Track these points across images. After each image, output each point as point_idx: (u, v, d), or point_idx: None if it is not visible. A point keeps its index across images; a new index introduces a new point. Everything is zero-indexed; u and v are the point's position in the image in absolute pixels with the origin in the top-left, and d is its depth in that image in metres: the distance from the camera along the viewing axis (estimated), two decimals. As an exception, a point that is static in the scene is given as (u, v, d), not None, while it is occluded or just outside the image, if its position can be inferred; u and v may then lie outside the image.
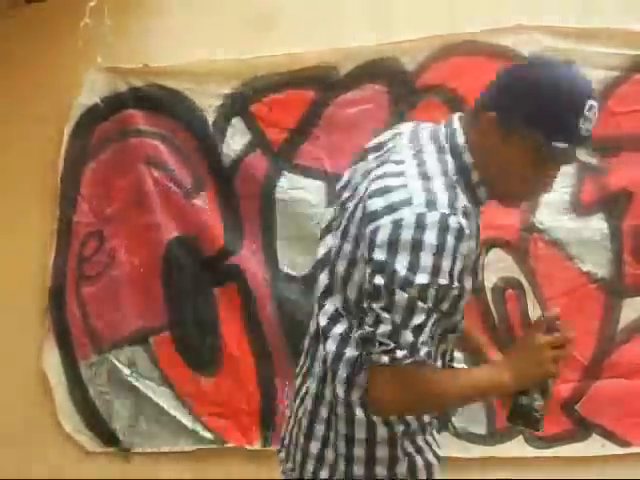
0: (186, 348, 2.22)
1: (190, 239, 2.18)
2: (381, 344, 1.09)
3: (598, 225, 2.03)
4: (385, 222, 1.09)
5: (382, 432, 1.22)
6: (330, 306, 1.23)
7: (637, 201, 2.01)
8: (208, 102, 2.16)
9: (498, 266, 2.07)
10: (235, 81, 2.15)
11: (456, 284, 1.10)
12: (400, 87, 2.10)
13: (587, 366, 2.05)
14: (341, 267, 1.21)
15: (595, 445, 2.06)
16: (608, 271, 2.03)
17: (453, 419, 2.09)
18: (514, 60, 2.02)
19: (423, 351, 1.09)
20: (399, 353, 1.08)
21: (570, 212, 2.04)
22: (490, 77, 2.00)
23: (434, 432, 1.31)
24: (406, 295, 1.07)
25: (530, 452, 2.08)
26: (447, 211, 1.08)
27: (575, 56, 1.99)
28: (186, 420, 2.22)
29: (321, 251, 1.29)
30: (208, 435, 2.21)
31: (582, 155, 1.15)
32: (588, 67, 1.99)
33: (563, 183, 2.04)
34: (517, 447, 2.09)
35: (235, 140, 2.15)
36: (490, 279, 2.07)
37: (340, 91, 2.13)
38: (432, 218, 1.08)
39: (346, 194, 1.28)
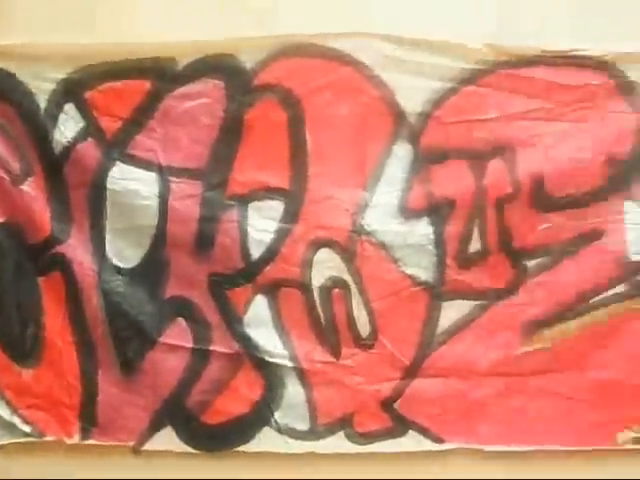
0: (7, 338, 2.15)
1: (15, 226, 2.11)
2: None
3: (423, 230, 2.10)
4: None
5: None
6: None
7: (460, 208, 2.08)
8: (41, 86, 2.10)
9: (327, 265, 2.10)
10: (70, 66, 2.09)
11: None
12: (238, 84, 2.10)
13: (408, 366, 2.11)
14: None
15: (412, 442, 2.12)
16: (431, 275, 2.10)
17: (275, 414, 2.11)
18: (352, 65, 2.07)
19: None
20: None
21: (397, 216, 2.09)
22: (327, 79, 2.06)
23: None
24: None
25: (350, 448, 2.13)
26: None
27: (411, 65, 2.05)
28: (3, 412, 2.15)
29: None
30: (26, 428, 2.15)
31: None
32: (423, 77, 2.06)
33: (392, 187, 2.09)
34: (337, 443, 2.13)
35: (67, 127, 2.10)
36: (318, 278, 2.09)
37: (177, 84, 2.11)
38: None
39: None
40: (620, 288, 2.10)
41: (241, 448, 2.13)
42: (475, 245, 2.10)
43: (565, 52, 2.08)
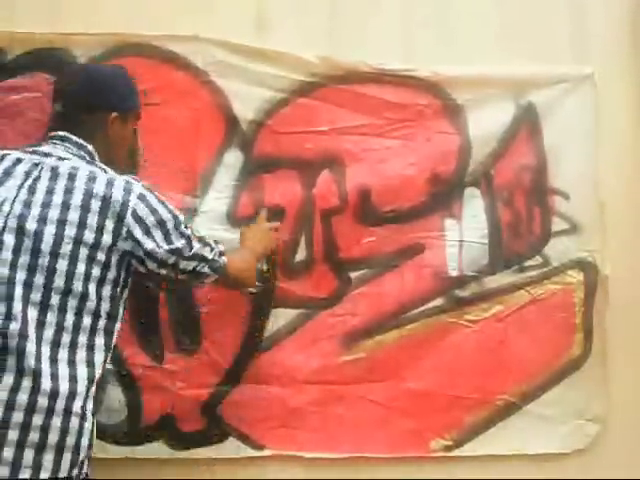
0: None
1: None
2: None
3: (253, 237, 2.10)
4: None
5: None
6: None
7: (289, 217, 2.12)
8: None
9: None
10: None
11: None
12: (69, 79, 2.03)
13: (229, 371, 2.11)
14: None
15: (232, 447, 2.12)
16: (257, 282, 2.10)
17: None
18: (186, 69, 2.06)
19: None
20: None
21: (226, 223, 2.09)
22: (162, 80, 2.04)
23: None
24: None
25: (169, 453, 2.11)
26: None
27: (246, 73, 2.07)
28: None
29: None
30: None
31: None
32: (256, 85, 2.07)
33: (222, 194, 2.10)
34: (157, 448, 2.11)
35: None
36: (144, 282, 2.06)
37: (5, 76, 2.04)
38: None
39: None
40: (437, 302, 2.18)
41: (55, 452, 2.06)
42: (301, 254, 2.13)
43: (395, 71, 2.15)
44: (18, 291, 1.47)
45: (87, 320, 1.54)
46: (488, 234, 2.19)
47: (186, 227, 1.65)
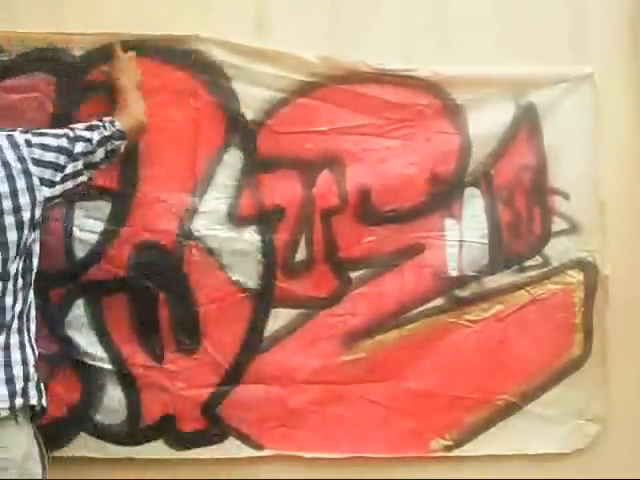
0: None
1: None
2: None
3: (251, 237, 2.11)
4: None
5: None
6: None
7: (288, 217, 2.11)
8: None
9: (153, 269, 2.08)
10: None
11: None
12: (69, 79, 2.05)
13: (229, 371, 2.11)
14: None
15: (231, 447, 2.12)
16: (257, 282, 2.11)
17: (94, 418, 2.07)
18: (187, 69, 2.06)
19: None
20: None
21: (226, 223, 2.09)
22: (162, 80, 2.04)
23: None
24: None
25: (169, 454, 2.11)
26: None
27: (245, 73, 2.07)
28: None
29: None
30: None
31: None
32: (257, 85, 2.07)
33: (221, 194, 2.09)
34: (156, 449, 2.10)
35: None
36: (143, 282, 2.06)
37: (6, 75, 2.03)
38: None
39: None
40: (437, 302, 2.18)
41: (55, 453, 2.07)
42: (301, 254, 2.13)
43: (395, 71, 2.15)
44: None
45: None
46: (488, 234, 2.19)
47: (72, 132, 1.77)
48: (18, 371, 1.59)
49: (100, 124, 1.82)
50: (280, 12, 2.17)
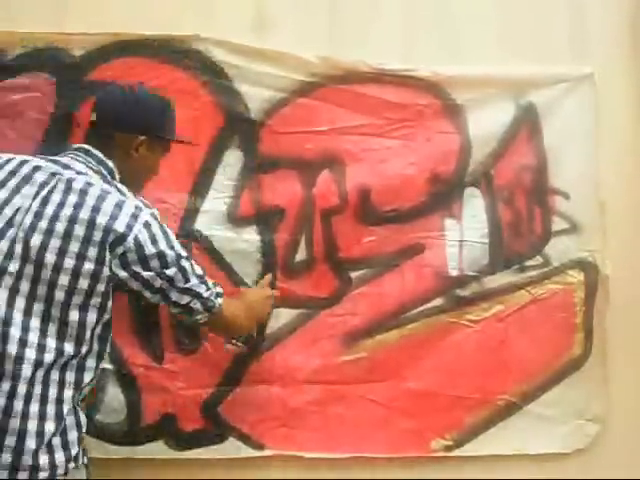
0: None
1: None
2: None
3: (251, 238, 2.10)
4: None
5: None
6: None
7: (289, 217, 2.11)
8: None
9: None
10: None
11: None
12: (69, 79, 2.06)
13: (229, 371, 2.11)
14: None
15: (232, 448, 2.12)
16: (256, 281, 2.10)
17: (94, 418, 2.07)
18: (186, 68, 2.06)
19: None
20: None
21: (226, 223, 2.09)
22: (162, 80, 2.04)
23: None
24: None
25: (169, 454, 2.11)
26: None
27: (245, 73, 2.07)
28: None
29: None
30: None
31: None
32: (256, 85, 2.07)
33: (221, 194, 2.09)
34: (157, 449, 2.10)
35: None
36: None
37: (6, 76, 2.04)
38: None
39: None
40: (438, 301, 2.18)
41: (55, 453, 2.06)
42: (301, 254, 2.13)
43: (395, 71, 2.15)
44: (19, 303, 1.49)
45: (92, 315, 1.56)
46: (488, 234, 2.19)
47: (187, 260, 1.62)
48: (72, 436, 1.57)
49: (209, 284, 1.69)
50: (280, 12, 2.17)
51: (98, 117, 1.68)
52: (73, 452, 1.53)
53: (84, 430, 1.60)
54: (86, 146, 1.67)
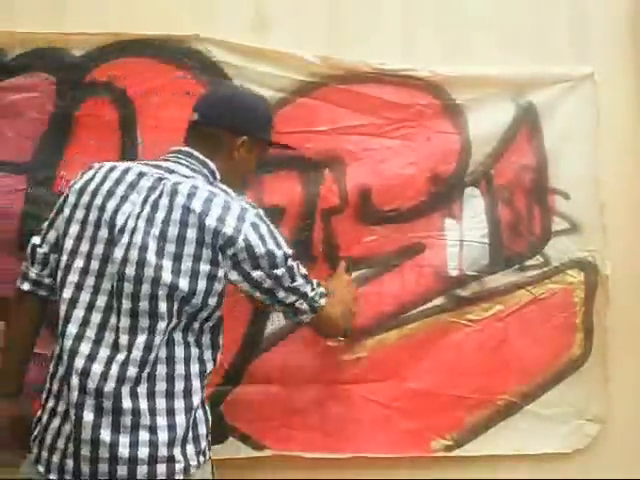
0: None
1: None
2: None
3: (251, 237, 2.09)
4: None
5: None
6: None
7: (289, 216, 2.11)
8: None
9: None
10: None
11: None
12: (69, 79, 2.06)
13: (229, 371, 2.10)
14: None
15: (232, 447, 2.12)
16: (263, 281, 2.10)
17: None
18: (186, 69, 2.06)
19: None
20: None
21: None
22: (162, 80, 2.04)
23: None
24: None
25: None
26: None
27: (246, 73, 2.07)
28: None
29: None
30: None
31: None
32: (257, 85, 2.07)
33: (222, 194, 2.08)
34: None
35: None
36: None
37: (6, 76, 2.04)
38: None
39: None
40: (438, 301, 2.18)
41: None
42: (302, 254, 2.11)
43: (395, 71, 2.15)
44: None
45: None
46: (488, 234, 2.19)
47: (293, 260, 1.62)
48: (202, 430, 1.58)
49: (313, 284, 1.69)
50: (280, 12, 2.17)
51: (203, 116, 1.66)
52: (202, 445, 1.55)
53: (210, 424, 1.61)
54: (187, 149, 1.65)
